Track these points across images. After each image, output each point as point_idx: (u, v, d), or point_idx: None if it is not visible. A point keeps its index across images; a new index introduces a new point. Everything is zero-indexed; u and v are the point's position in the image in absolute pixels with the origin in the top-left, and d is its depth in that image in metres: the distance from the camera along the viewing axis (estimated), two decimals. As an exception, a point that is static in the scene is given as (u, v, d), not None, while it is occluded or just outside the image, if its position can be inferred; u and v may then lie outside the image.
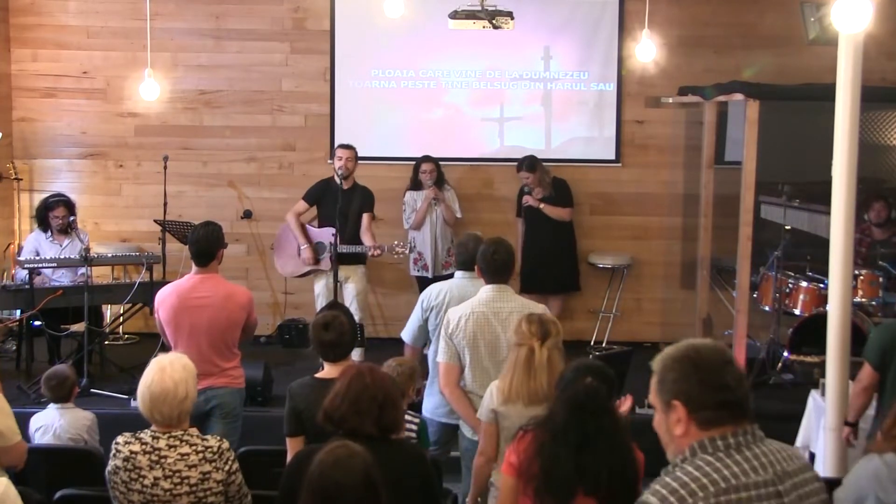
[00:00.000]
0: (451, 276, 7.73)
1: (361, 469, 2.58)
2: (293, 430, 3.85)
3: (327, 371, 3.99)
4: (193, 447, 3.31)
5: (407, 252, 6.90)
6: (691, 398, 2.14)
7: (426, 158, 7.82)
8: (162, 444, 3.30)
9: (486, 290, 4.45)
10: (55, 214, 7.08)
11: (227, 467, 3.33)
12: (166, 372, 3.33)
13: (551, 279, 7.79)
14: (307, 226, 7.37)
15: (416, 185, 7.84)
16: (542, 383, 3.64)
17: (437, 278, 7.11)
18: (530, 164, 7.76)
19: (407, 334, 5.09)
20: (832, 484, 4.27)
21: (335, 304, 6.40)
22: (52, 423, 4.73)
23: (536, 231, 7.84)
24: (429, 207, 7.73)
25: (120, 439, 3.36)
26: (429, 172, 7.73)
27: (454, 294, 4.90)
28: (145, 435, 3.34)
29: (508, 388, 3.72)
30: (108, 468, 3.34)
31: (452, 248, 7.77)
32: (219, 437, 3.42)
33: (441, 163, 7.97)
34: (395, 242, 6.90)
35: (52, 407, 4.81)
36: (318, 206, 7.35)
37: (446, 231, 7.78)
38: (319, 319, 4.04)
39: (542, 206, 7.77)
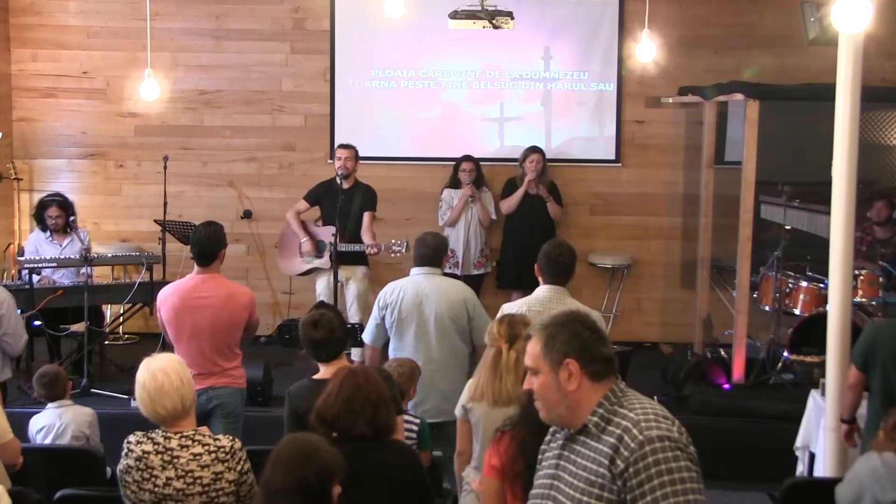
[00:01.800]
0: (481, 276, 7.85)
1: (298, 473, 2.65)
2: (292, 432, 3.84)
3: (323, 372, 3.98)
4: (206, 447, 3.30)
5: (403, 251, 6.90)
6: (583, 354, 2.41)
7: (467, 158, 7.92)
8: (174, 443, 3.29)
9: (543, 290, 4.47)
10: (49, 214, 7.06)
11: (239, 467, 3.31)
12: (155, 367, 3.33)
13: (530, 276, 7.75)
14: (308, 224, 7.39)
15: (454, 183, 7.91)
16: (508, 385, 3.67)
17: (467, 277, 7.14)
18: (541, 148, 7.90)
19: (367, 335, 5.13)
20: (831, 484, 4.28)
21: (324, 304, 6.38)
22: (53, 423, 4.72)
23: (523, 226, 7.82)
24: (465, 206, 7.79)
25: (132, 438, 3.35)
26: (468, 171, 7.84)
27: (408, 291, 4.93)
28: (157, 435, 3.33)
29: (475, 387, 3.76)
30: (120, 467, 3.33)
31: (486, 248, 7.88)
32: (231, 437, 3.40)
33: (441, 163, 7.98)
34: (392, 241, 6.90)
35: (49, 407, 4.79)
36: (320, 206, 7.36)
37: (480, 231, 7.84)
38: (308, 318, 4.03)
39: (549, 198, 7.81)
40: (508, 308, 4.44)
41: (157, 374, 3.30)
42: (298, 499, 2.66)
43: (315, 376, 4.01)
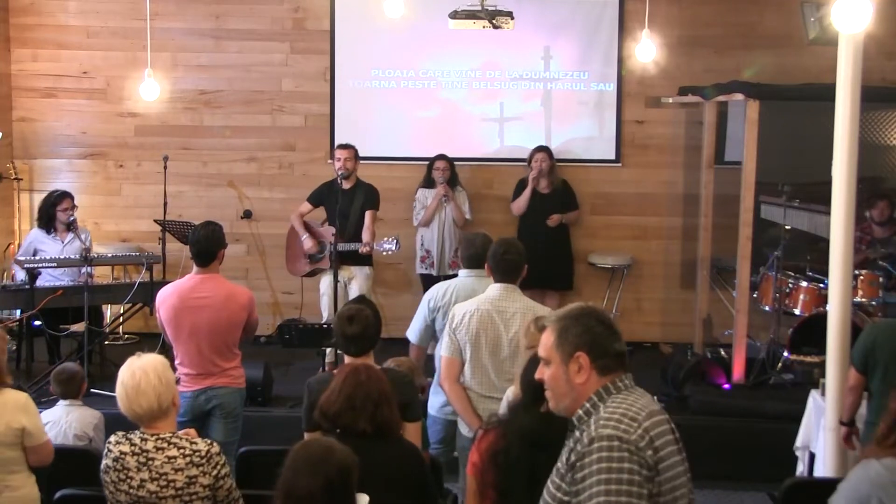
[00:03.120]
0: (456, 275, 7.83)
1: (322, 474, 2.63)
2: (312, 425, 3.82)
3: None
4: (181, 450, 3.29)
5: (394, 249, 6.88)
6: (594, 348, 2.45)
7: (440, 157, 7.88)
8: (150, 445, 3.30)
9: (493, 289, 4.44)
10: (63, 207, 7.08)
11: (215, 472, 3.30)
12: (136, 365, 3.34)
13: (548, 275, 7.74)
14: (312, 224, 7.38)
15: (428, 182, 7.89)
16: None
17: (442, 277, 7.11)
18: (548, 148, 7.96)
19: (413, 333, 5.05)
20: (831, 484, 4.27)
21: (363, 299, 6.33)
22: (59, 420, 4.75)
23: (532, 226, 7.83)
24: (438, 205, 7.77)
25: (112, 438, 3.37)
26: (441, 170, 7.80)
27: (460, 293, 4.89)
28: (135, 436, 3.34)
29: None
30: (101, 466, 3.36)
31: (460, 248, 7.81)
32: (209, 441, 3.39)
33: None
34: (384, 239, 6.90)
35: (60, 404, 4.84)
36: (324, 206, 7.35)
37: (455, 231, 7.80)
38: (344, 312, 3.99)
39: (563, 219, 7.88)
40: (459, 309, 4.41)
41: (137, 371, 3.31)
42: (325, 500, 2.64)
43: (337, 370, 4.00)
